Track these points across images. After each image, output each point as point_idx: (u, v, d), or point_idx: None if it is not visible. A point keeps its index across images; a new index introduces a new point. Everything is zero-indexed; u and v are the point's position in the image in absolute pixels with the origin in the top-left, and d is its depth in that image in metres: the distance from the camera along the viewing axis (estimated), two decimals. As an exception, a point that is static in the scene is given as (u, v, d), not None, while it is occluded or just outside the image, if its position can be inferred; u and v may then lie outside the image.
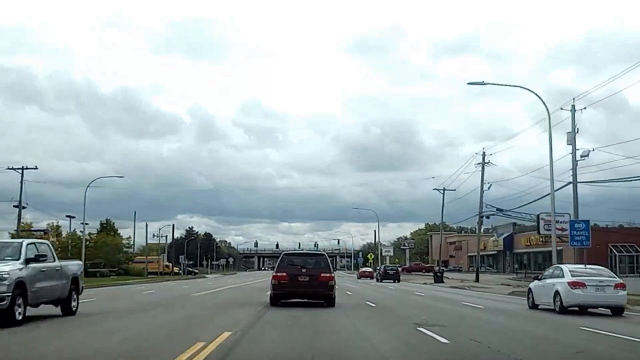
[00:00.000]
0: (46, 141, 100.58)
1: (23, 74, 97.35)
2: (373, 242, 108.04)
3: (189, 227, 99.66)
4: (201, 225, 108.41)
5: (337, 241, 73.33)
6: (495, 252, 65.58)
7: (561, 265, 16.05)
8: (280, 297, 14.62)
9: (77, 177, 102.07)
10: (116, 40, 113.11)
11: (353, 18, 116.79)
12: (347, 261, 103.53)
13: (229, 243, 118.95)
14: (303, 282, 14.50)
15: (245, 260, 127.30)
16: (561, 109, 24.66)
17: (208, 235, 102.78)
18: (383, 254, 64.95)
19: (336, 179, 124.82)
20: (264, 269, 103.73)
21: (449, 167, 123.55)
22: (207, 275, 57.78)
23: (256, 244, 63.67)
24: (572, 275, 14.17)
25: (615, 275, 15.18)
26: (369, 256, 63.22)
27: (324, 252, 17.44)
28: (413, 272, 68.61)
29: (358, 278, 51.34)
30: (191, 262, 69.14)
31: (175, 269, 52.31)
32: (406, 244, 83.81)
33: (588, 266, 16.32)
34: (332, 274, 14.94)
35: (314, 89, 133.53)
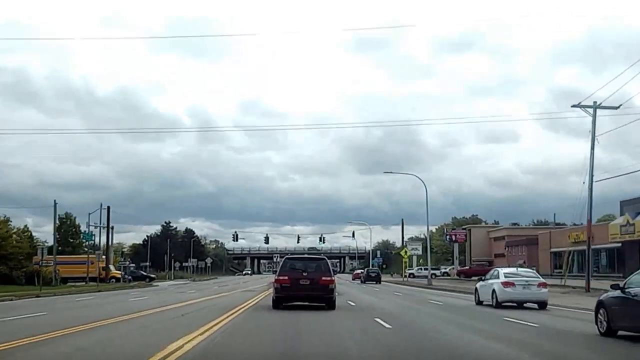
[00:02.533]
0: (44, 142, 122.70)
1: (20, 73, 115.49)
2: (388, 239, 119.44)
3: (166, 222, 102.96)
4: (203, 229, 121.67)
5: (352, 234, 72.28)
6: (620, 243, 51.51)
7: (498, 268, 23.45)
8: (282, 300, 18.25)
9: (77, 180, 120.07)
10: (115, 39, 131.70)
11: (354, 15, 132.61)
12: (360, 263, 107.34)
13: (222, 243, 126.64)
14: (304, 285, 17.95)
15: (238, 262, 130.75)
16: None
17: (189, 232, 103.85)
18: (408, 253, 66.05)
19: (338, 180, 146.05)
20: (246, 273, 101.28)
21: (451, 168, 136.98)
22: (156, 283, 52.55)
23: (235, 237, 62.29)
24: (505, 277, 20.47)
25: (539, 277, 21.61)
26: (402, 253, 62.12)
27: (324, 257, 21.06)
28: (475, 278, 61.44)
29: (352, 279, 67.30)
30: (147, 264, 70.24)
31: (118, 274, 50.38)
32: (453, 238, 79.52)
33: (520, 269, 24.03)
34: (333, 278, 18.63)
35: (315, 87, 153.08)
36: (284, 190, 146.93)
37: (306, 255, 25.25)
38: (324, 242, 66.01)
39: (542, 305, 19.88)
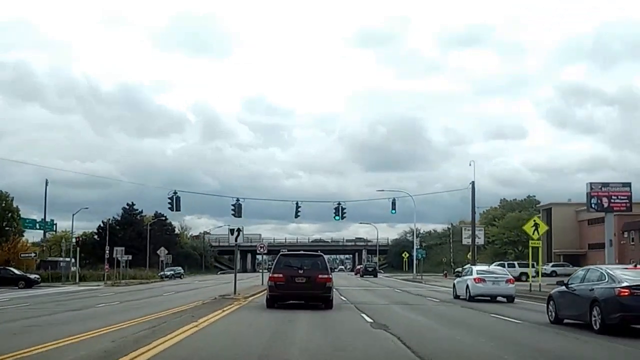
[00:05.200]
0: (48, 140, 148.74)
1: (22, 70, 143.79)
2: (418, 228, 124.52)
3: (129, 204, 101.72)
4: (209, 226, 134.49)
5: (391, 204, 65.17)
6: None
7: (472, 266, 34.94)
8: (277, 299, 22.70)
9: (82, 177, 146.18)
10: (119, 36, 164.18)
11: (360, 11, 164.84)
12: (384, 258, 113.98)
13: (209, 233, 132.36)
14: (300, 283, 22.51)
15: (229, 258, 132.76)
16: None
17: (159, 218, 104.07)
18: (542, 228, 63.79)
19: (344, 178, 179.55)
20: (165, 275, 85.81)
21: (457, 166, 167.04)
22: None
23: (174, 204, 58.63)
24: (477, 274, 30.07)
25: (508, 274, 31.61)
26: (527, 229, 52.24)
27: (321, 253, 25.25)
28: None
29: (355, 274, 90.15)
30: (67, 260, 67.30)
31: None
32: (606, 203, 67.01)
33: (492, 266, 37.74)
34: (330, 276, 23.22)
35: (320, 85, 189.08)
36: (289, 188, 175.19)
37: (302, 252, 29.24)
38: (342, 218, 57.58)
39: (509, 298, 28.91)
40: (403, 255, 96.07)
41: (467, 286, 29.19)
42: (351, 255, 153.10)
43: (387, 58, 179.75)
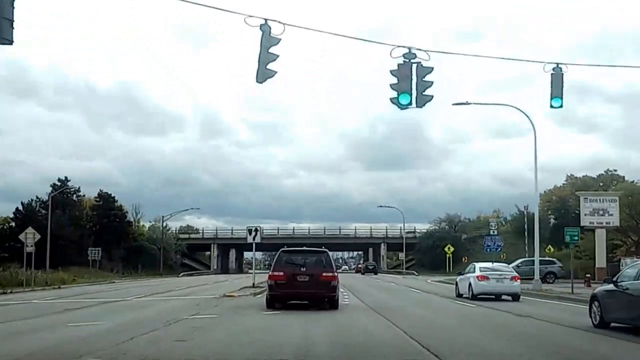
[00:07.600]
0: (45, 138, 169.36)
1: (17, 67, 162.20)
2: (456, 212, 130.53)
3: (61, 179, 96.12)
4: (208, 225, 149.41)
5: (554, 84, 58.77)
6: None
7: (475, 263, 38.73)
8: (277, 299, 25.78)
9: (81, 176, 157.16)
10: (117, 34, 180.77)
11: (360, 10, 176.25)
12: (413, 252, 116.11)
13: (196, 229, 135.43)
14: (302, 282, 25.80)
15: (208, 255, 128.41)
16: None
17: (106, 200, 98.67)
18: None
19: (343, 177, 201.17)
20: None
21: (458, 164, 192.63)
22: None
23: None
24: (480, 271, 35.01)
25: (512, 270, 37.16)
26: None
27: (326, 250, 28.39)
28: None
29: (355, 272, 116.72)
30: None
31: None
32: None
33: (495, 263, 40.24)
34: (335, 274, 26.25)
35: (319, 84, 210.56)
36: (289, 187, 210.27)
37: (304, 248, 30.99)
38: (420, 104, 44.12)
39: (515, 297, 33.67)
40: (446, 249, 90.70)
41: (470, 284, 34.18)
42: (361, 253, 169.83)
43: (387, 56, 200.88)
